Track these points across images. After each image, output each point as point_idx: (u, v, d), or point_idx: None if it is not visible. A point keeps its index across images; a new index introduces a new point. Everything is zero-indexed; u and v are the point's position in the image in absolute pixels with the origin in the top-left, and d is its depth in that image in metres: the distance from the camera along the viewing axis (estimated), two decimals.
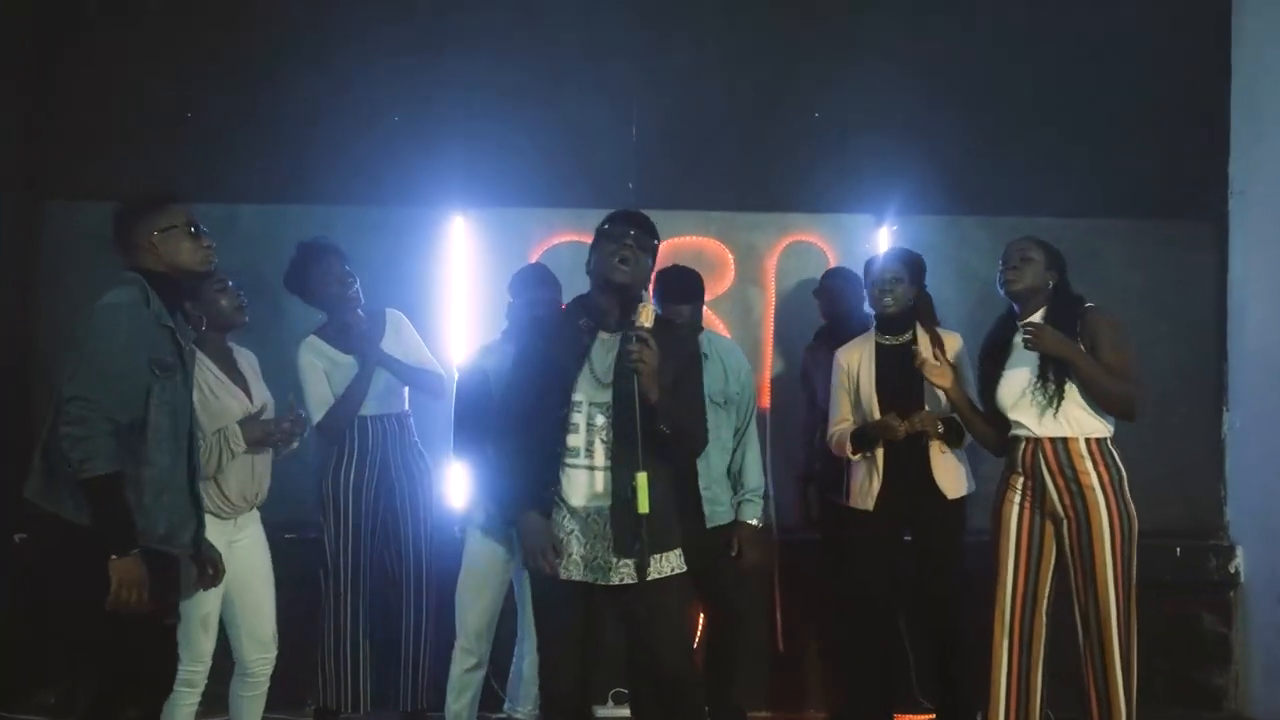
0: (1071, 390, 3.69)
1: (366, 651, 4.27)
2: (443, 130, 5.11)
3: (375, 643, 4.30)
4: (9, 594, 4.70)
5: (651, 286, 3.60)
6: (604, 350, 3.22)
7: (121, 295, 3.10)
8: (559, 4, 5.18)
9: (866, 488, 4.17)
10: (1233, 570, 5.16)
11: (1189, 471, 5.22)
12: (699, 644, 4.23)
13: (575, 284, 3.55)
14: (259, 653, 3.81)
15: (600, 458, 3.20)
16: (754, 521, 4.04)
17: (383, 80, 5.14)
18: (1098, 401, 3.70)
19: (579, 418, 3.23)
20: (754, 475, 4.07)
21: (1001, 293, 3.87)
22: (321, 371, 4.22)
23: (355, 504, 4.23)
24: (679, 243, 4.96)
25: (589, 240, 4.73)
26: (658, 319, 3.19)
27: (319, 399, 4.19)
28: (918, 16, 5.25)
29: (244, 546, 3.77)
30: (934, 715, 4.48)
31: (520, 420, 3.32)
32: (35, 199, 5.08)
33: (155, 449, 3.11)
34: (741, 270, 5.11)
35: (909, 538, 4.27)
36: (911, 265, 4.19)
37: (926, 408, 4.07)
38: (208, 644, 3.68)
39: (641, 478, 3.03)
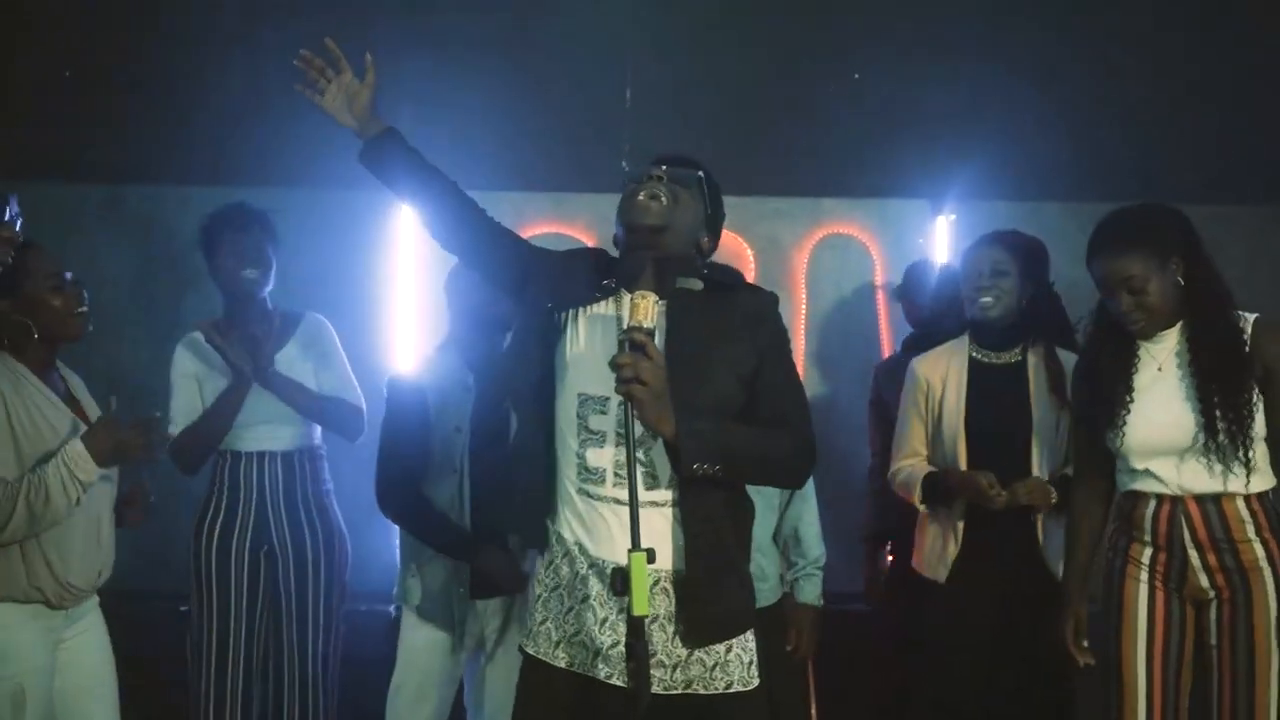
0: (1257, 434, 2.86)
1: None
2: (386, 100, 4.48)
3: None
4: None
5: None
6: None
7: None
8: None
9: (939, 551, 3.40)
10: None
11: None
12: None
13: None
14: None
15: (638, 484, 2.29)
16: (815, 602, 3.39)
17: (307, 41, 4.60)
18: None
19: (604, 423, 2.35)
20: (813, 542, 3.42)
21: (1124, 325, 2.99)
22: (193, 377, 3.54)
23: (222, 571, 3.50)
24: None
25: (574, 233, 4.35)
26: (718, 281, 2.47)
27: (181, 411, 3.51)
28: None
29: (78, 647, 2.97)
30: None
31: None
32: None
33: None
34: (763, 269, 4.67)
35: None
36: (1025, 253, 3.41)
37: (1037, 459, 3.28)
38: None
39: (637, 560, 2.09)
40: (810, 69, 4.75)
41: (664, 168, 2.43)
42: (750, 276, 4.56)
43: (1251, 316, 2.89)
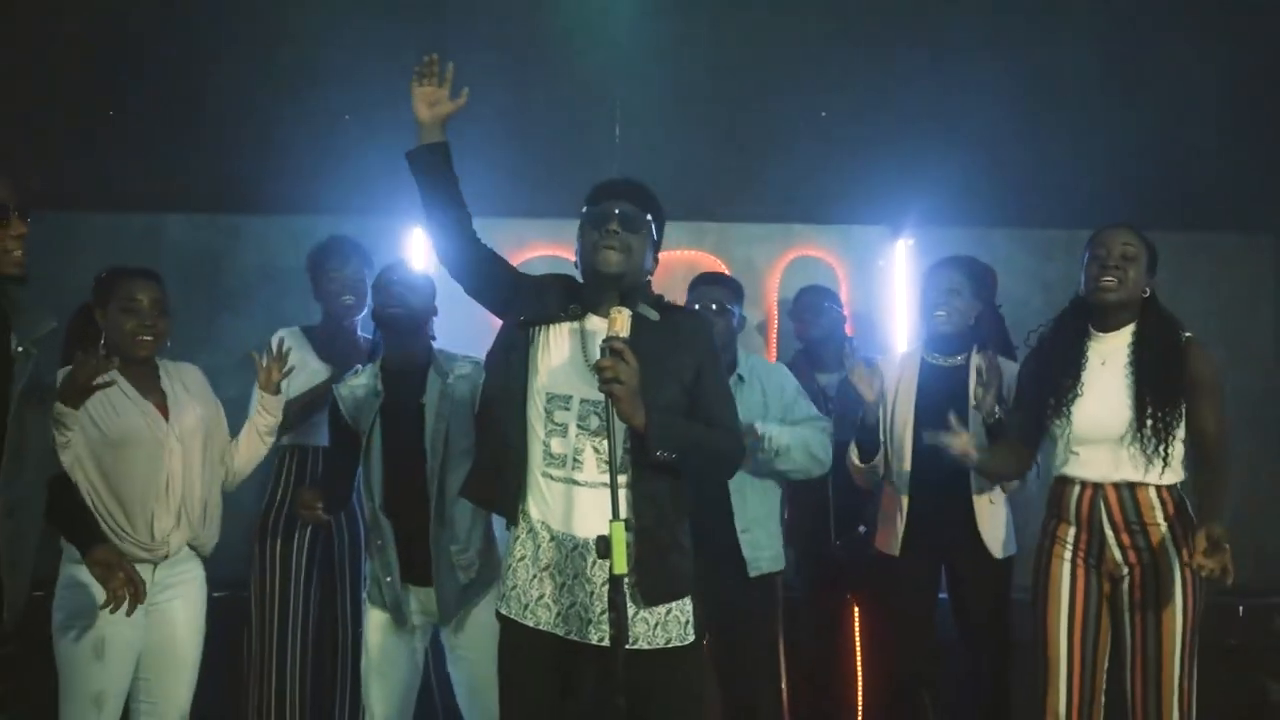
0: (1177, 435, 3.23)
1: None
2: (398, 135, 4.76)
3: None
4: None
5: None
6: (598, 338, 2.70)
7: None
8: None
9: (892, 528, 3.75)
10: None
11: (1254, 519, 4.83)
12: None
13: None
14: None
15: (591, 471, 2.67)
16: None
17: (335, 81, 4.92)
18: None
19: (567, 417, 2.71)
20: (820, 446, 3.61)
21: (1083, 294, 3.33)
22: None
23: (284, 552, 3.84)
24: (668, 256, 4.58)
25: (568, 254, 4.52)
26: (665, 306, 2.84)
27: None
28: (940, 12, 5.06)
29: (167, 612, 3.29)
30: None
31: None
32: None
33: None
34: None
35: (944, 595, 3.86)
36: (977, 277, 3.78)
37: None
38: None
39: (617, 528, 2.44)
40: (781, 109, 5.00)
41: (618, 212, 2.72)
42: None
43: (1185, 334, 3.24)
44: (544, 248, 4.77)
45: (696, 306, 3.54)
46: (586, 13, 4.90)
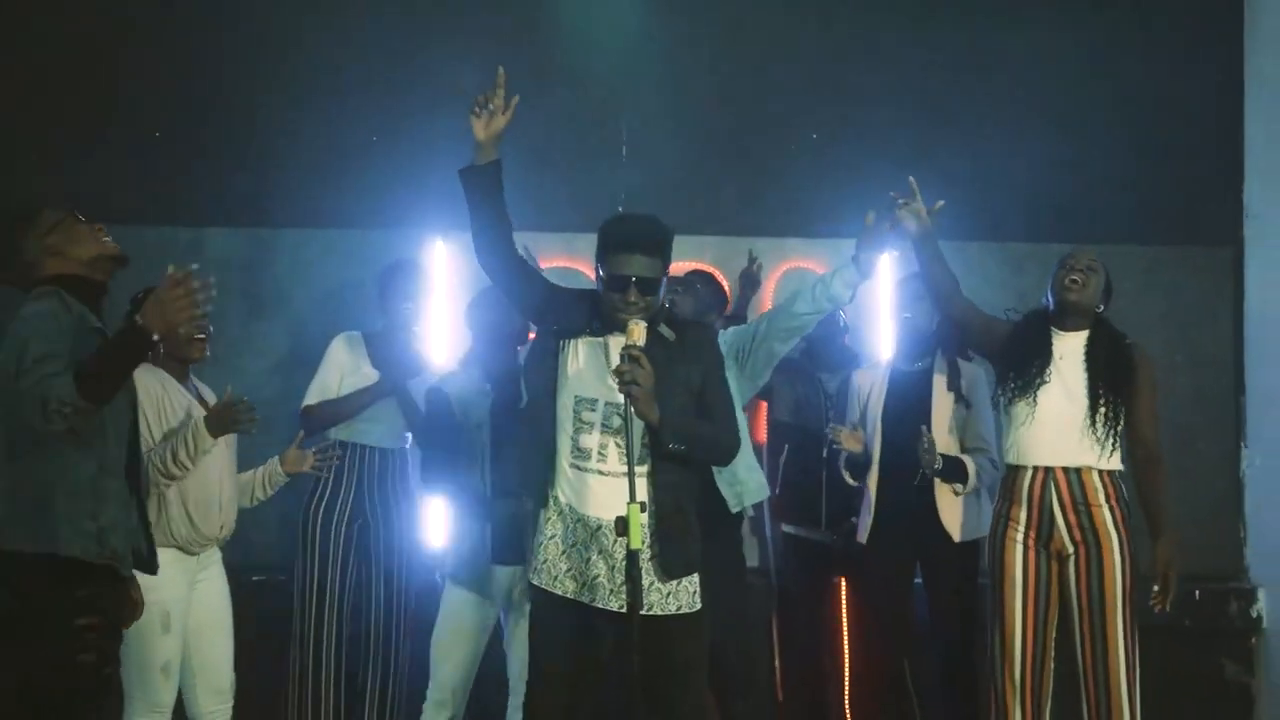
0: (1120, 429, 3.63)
1: (332, 700, 4.14)
2: (422, 152, 5.06)
3: (346, 694, 4.17)
4: None
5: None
6: (618, 350, 3.03)
7: (38, 305, 2.82)
8: (542, 19, 5.19)
9: (865, 519, 4.15)
10: (1254, 615, 5.09)
11: (1207, 511, 5.13)
12: None
13: None
14: (216, 703, 3.69)
15: (613, 463, 3.03)
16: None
17: (358, 102, 5.16)
18: None
19: (593, 416, 3.08)
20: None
21: (1050, 299, 3.73)
22: (339, 366, 4.19)
23: (324, 538, 4.13)
24: (673, 268, 4.80)
25: (579, 266, 4.73)
26: (678, 322, 3.21)
27: (318, 388, 4.16)
28: (921, 35, 5.24)
29: (206, 589, 3.65)
30: None
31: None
32: None
33: (114, 460, 2.87)
34: (738, 297, 4.98)
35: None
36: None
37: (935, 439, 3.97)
38: (168, 694, 3.55)
39: (633, 510, 2.80)
40: (776, 133, 5.21)
41: (635, 281, 3.00)
42: (729, 302, 4.82)
43: (1129, 341, 3.69)
44: (555, 260, 4.93)
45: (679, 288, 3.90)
46: (595, 44, 5.09)
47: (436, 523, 4.39)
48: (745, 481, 3.78)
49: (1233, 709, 5.07)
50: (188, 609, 3.55)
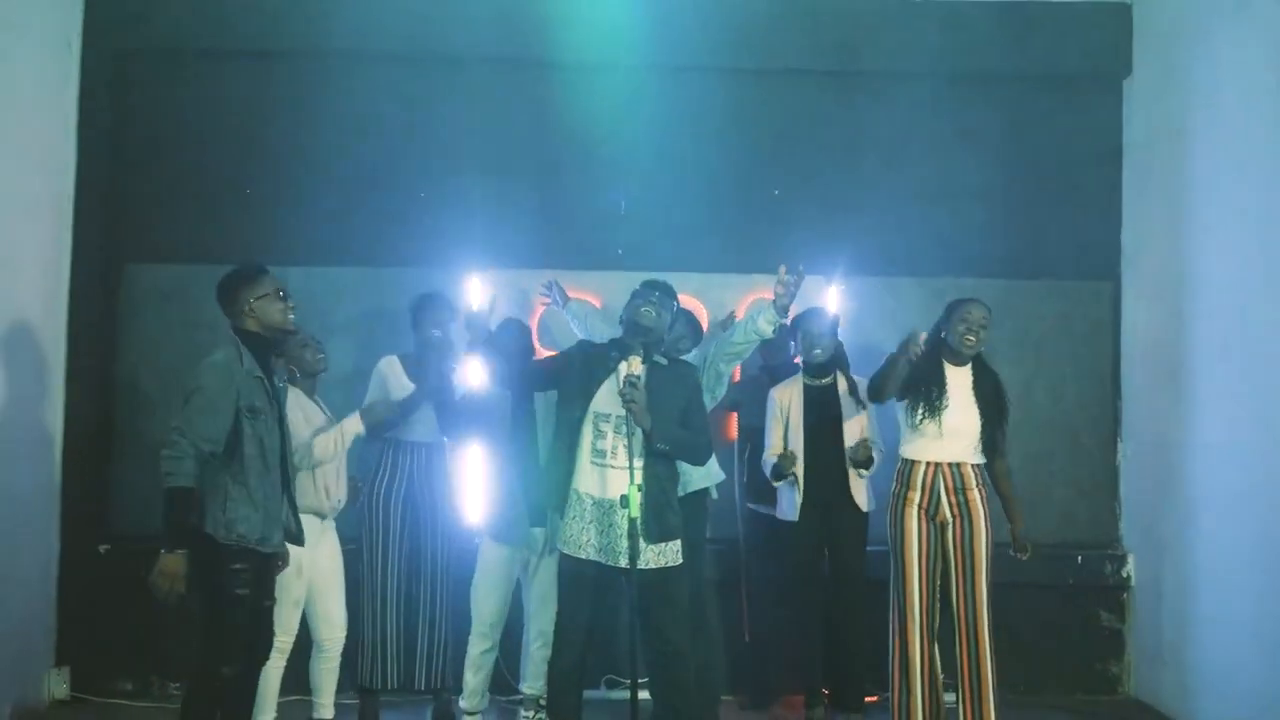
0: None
1: (397, 640, 4.80)
2: (461, 202, 5.77)
3: (404, 633, 4.82)
4: (94, 598, 5.39)
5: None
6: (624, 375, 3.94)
7: (219, 355, 3.69)
8: (555, 106, 5.77)
9: (791, 500, 4.89)
10: (1125, 575, 5.68)
11: (1090, 492, 5.82)
12: None
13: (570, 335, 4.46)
14: (332, 632, 4.54)
15: (620, 458, 3.91)
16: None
17: (411, 167, 5.80)
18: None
19: (607, 426, 3.98)
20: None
21: (949, 339, 4.41)
22: (383, 384, 4.82)
23: (387, 514, 4.78)
24: None
25: (586, 296, 5.29)
26: (669, 358, 4.06)
27: (367, 400, 4.82)
28: (850, 114, 5.87)
29: (324, 550, 4.47)
30: (828, 694, 5.09)
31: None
32: (116, 261, 5.71)
33: (246, 472, 3.72)
34: (713, 324, 5.63)
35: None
36: (835, 324, 5.01)
37: (847, 438, 4.84)
38: (295, 620, 4.39)
39: (633, 490, 3.81)
40: (745, 190, 5.80)
41: (657, 295, 3.96)
42: (705, 327, 5.33)
43: (998, 373, 4.52)
44: (569, 291, 5.45)
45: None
46: (602, 127, 5.71)
47: (472, 501, 5.05)
48: (689, 473, 4.58)
49: (1108, 648, 5.75)
50: (314, 561, 4.35)
